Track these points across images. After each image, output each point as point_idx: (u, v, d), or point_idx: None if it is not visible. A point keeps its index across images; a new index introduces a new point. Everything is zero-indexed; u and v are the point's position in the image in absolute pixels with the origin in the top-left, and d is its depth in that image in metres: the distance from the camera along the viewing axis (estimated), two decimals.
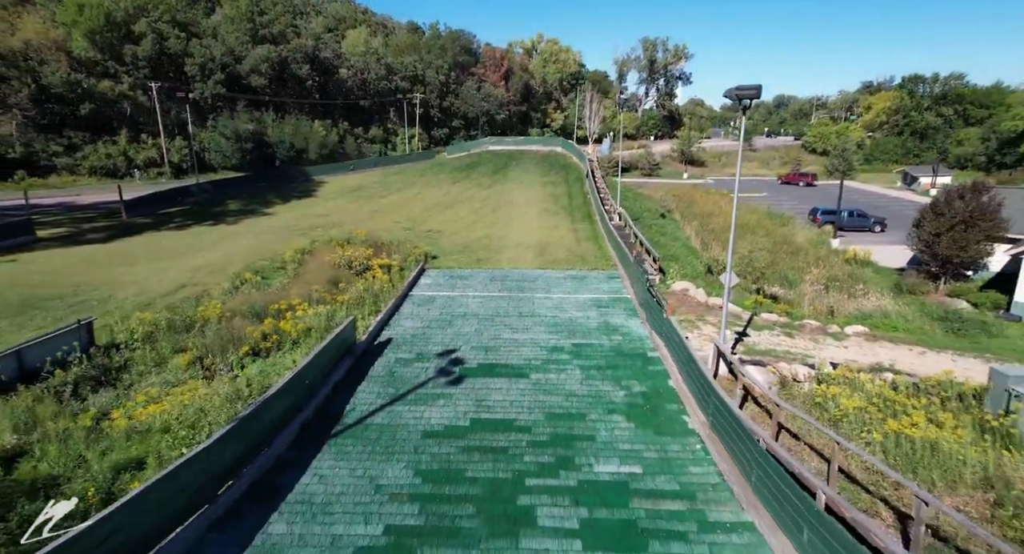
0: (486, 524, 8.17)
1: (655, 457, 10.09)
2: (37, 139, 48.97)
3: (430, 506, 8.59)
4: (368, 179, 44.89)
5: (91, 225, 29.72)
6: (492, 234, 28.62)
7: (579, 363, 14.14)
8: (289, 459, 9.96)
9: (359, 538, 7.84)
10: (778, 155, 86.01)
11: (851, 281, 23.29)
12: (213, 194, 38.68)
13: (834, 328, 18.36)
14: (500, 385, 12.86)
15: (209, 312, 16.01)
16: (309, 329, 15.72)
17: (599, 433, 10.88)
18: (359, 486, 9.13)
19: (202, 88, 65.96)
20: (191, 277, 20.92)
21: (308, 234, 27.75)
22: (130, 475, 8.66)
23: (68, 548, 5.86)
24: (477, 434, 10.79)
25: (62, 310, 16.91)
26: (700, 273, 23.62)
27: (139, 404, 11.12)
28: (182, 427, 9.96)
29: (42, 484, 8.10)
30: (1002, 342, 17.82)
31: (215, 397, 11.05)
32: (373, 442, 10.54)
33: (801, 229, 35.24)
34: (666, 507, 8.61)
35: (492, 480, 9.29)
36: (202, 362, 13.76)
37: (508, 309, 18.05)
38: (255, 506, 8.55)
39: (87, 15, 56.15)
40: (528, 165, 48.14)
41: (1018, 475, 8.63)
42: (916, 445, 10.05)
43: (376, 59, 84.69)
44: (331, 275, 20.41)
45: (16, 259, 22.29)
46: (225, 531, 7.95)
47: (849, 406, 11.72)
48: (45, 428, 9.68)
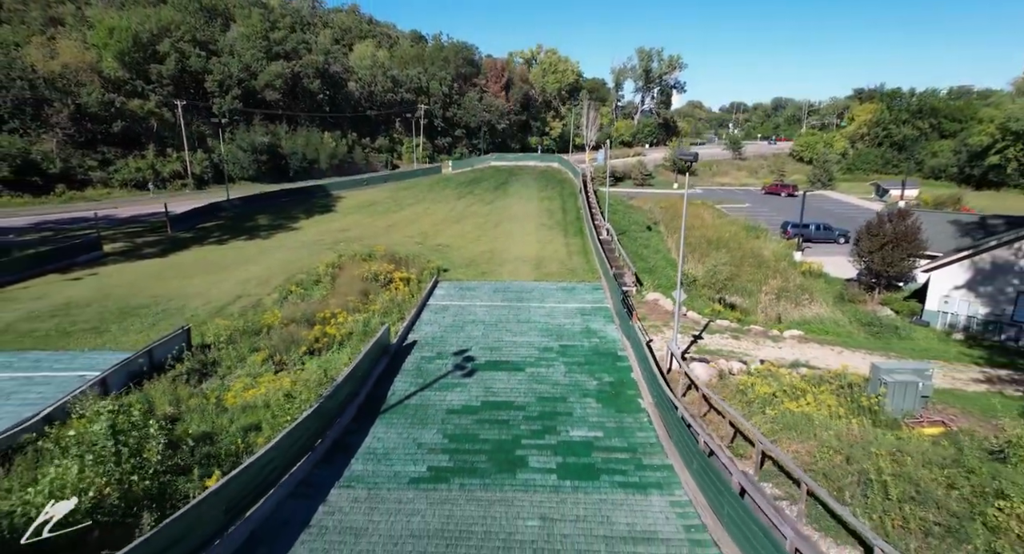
0: (494, 466, 12.29)
1: (613, 426, 14.22)
2: (74, 155, 53.08)
3: (456, 456, 12.71)
4: (381, 194, 48.97)
5: (143, 240, 33.85)
6: (495, 248, 32.75)
7: (564, 360, 18.25)
8: (354, 429, 14.09)
9: (411, 473, 11.97)
10: (766, 164, 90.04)
11: (800, 292, 27.41)
12: (243, 209, 42.79)
13: (774, 332, 22.49)
14: (502, 377, 16.98)
15: (270, 319, 20.15)
16: (350, 333, 19.84)
17: (575, 410, 15.01)
18: (406, 444, 13.26)
19: (220, 103, 70.18)
20: (243, 288, 25.05)
21: (334, 248, 31.85)
22: (254, 434, 12.77)
23: (249, 468, 9.96)
24: (486, 411, 14.91)
25: (151, 317, 21.07)
26: (672, 285, 27.71)
27: (239, 389, 15.25)
28: (278, 405, 14.08)
29: (201, 437, 12.18)
30: (907, 343, 21.94)
31: (296, 384, 15.18)
32: (411, 416, 14.66)
33: (770, 242, 39.27)
34: (616, 456, 12.75)
35: (498, 440, 13.42)
36: (273, 359, 17.90)
37: (509, 316, 22.18)
38: (338, 455, 12.68)
39: (117, 37, 60.37)
40: (527, 180, 52.26)
41: (852, 433, 12.74)
42: (797, 417, 14.18)
43: (383, 72, 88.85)
44: (361, 287, 24.52)
45: (97, 273, 26.45)
46: (323, 468, 12.08)
47: (761, 392, 15.85)
48: (187, 404, 13.82)
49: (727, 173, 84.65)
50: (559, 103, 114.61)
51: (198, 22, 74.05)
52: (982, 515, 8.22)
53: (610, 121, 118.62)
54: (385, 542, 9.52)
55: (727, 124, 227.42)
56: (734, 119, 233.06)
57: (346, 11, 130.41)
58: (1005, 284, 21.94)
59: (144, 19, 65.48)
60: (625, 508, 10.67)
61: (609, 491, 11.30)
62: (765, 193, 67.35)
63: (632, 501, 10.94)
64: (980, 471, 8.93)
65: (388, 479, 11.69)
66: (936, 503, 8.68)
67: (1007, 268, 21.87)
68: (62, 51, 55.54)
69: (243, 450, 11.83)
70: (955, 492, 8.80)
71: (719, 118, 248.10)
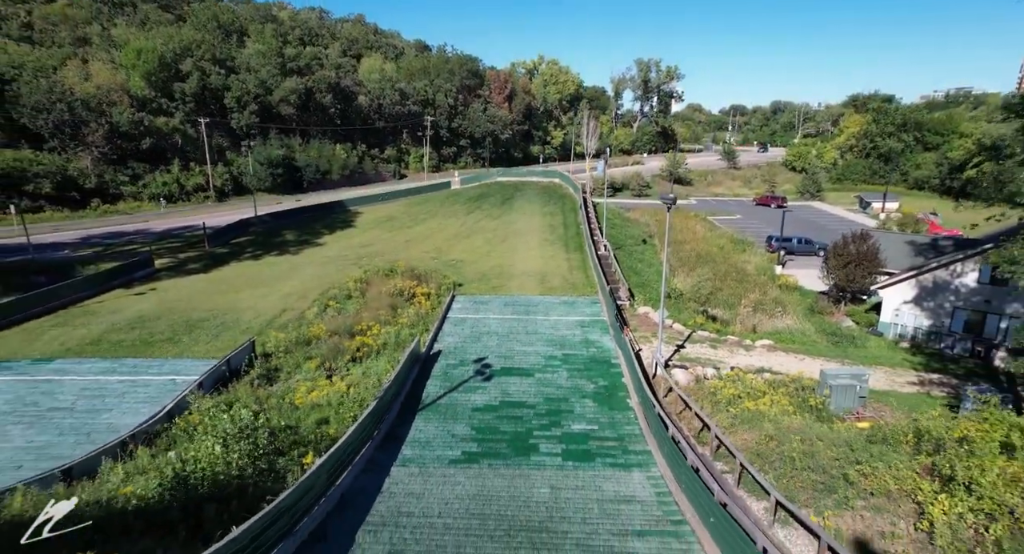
0: (513, 451, 15.86)
1: (606, 421, 17.80)
2: (107, 171, 56.78)
3: (483, 443, 16.29)
4: (397, 209, 52.60)
5: (186, 255, 37.48)
6: (503, 263, 36.34)
7: (566, 367, 21.85)
8: (400, 423, 17.67)
9: (450, 456, 15.54)
10: (760, 173, 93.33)
11: (774, 304, 30.99)
12: (271, 224, 46.41)
13: (747, 342, 26.06)
14: (515, 381, 20.57)
15: (317, 331, 23.76)
16: (384, 344, 23.44)
17: (575, 408, 18.59)
18: (442, 435, 16.84)
19: (239, 118, 73.88)
20: (285, 303, 28.67)
21: (358, 264, 35.46)
22: (324, 426, 16.35)
23: (336, 450, 13.52)
24: (504, 409, 18.49)
25: (213, 329, 24.69)
26: (660, 298, 31.26)
27: (304, 392, 18.84)
28: (340, 404, 17.66)
29: (284, 428, 15.74)
30: (861, 351, 25.50)
31: (349, 388, 18.78)
32: (443, 413, 18.25)
33: (755, 255, 42.82)
34: (607, 444, 16.33)
35: (515, 432, 16.99)
36: (324, 365, 21.50)
37: (518, 328, 25.77)
38: (391, 443, 16.27)
39: (144, 58, 64.07)
40: (531, 195, 55.86)
41: (792, 425, 16.30)
42: (752, 414, 17.76)
43: (391, 85, 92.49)
44: (389, 302, 28.11)
45: (156, 288, 30.10)
46: (382, 452, 15.66)
47: (727, 393, 19.43)
48: (267, 403, 17.42)
49: (721, 183, 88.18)
50: (560, 112, 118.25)
51: (216, 39, 77.81)
52: (845, 476, 11.81)
53: (610, 130, 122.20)
54: (438, 501, 13.11)
55: (726, 126, 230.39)
56: (732, 122, 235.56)
57: (352, 21, 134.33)
58: (944, 300, 25.50)
59: (167, 39, 69.22)
60: (613, 480, 14.26)
61: (601, 469, 14.89)
62: (756, 204, 70.80)
63: (618, 476, 14.53)
64: (856, 448, 12.49)
65: (432, 460, 15.29)
66: (823, 469, 12.26)
67: (945, 286, 25.43)
68: (95, 73, 59.24)
69: (319, 438, 15.42)
70: (836, 462, 12.39)
71: (719, 120, 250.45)
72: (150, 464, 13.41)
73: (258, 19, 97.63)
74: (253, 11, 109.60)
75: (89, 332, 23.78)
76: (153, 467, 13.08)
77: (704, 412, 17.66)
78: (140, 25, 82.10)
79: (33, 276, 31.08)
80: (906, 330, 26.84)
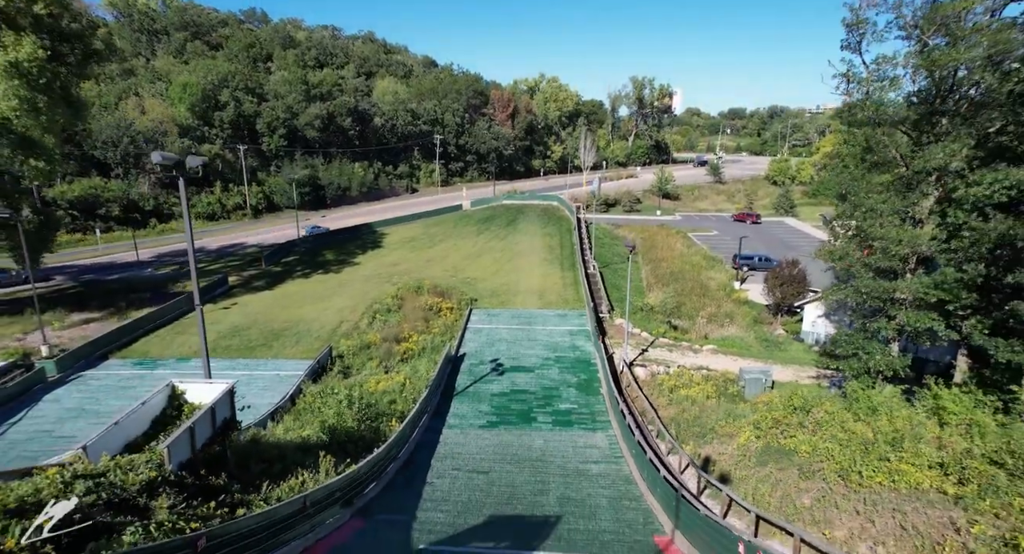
0: (520, 421, 23.96)
1: (583, 403, 25.91)
2: (162, 194, 65.03)
3: (500, 416, 24.38)
4: (417, 230, 60.75)
5: (248, 273, 45.64)
6: (509, 281, 44.44)
7: (558, 366, 29.93)
8: (442, 403, 25.77)
9: (479, 423, 23.63)
10: (743, 188, 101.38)
11: (725, 316, 39.02)
12: (312, 245, 54.55)
13: (696, 347, 34.10)
14: (521, 375, 28.66)
15: (373, 339, 31.91)
16: (423, 348, 31.58)
17: (563, 394, 26.70)
18: (472, 411, 24.94)
19: (268, 141, 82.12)
20: (341, 315, 36.79)
21: (390, 281, 43.53)
22: (393, 405, 24.43)
23: (409, 420, 21.63)
24: (513, 395, 26.59)
25: (294, 337, 32.82)
26: (635, 311, 39.33)
27: (374, 383, 26.94)
28: (401, 391, 25.76)
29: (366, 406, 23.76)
30: (784, 353, 33.53)
31: (407, 380, 26.90)
32: (471, 398, 26.36)
33: (720, 272, 50.78)
34: (583, 417, 24.42)
35: (520, 409, 25.10)
36: (382, 364, 29.65)
37: (522, 336, 33.87)
38: (437, 417, 24.36)
39: (189, 91, 72.29)
40: (532, 217, 64.01)
41: (707, 404, 24.37)
42: (683, 397, 25.85)
43: (403, 107, 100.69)
44: (422, 315, 36.22)
45: (237, 303, 38.25)
46: (434, 421, 23.77)
47: (670, 384, 27.53)
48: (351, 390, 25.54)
49: (707, 197, 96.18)
50: (560, 128, 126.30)
51: (246, 68, 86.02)
52: (712, 428, 19.97)
53: (607, 143, 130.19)
54: (474, 450, 21.18)
55: (725, 130, 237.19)
56: (729, 126, 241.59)
57: (363, 39, 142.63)
58: (843, 314, 33.54)
59: (207, 72, 77.40)
60: (583, 437, 22.36)
61: (577, 431, 23.00)
62: (734, 220, 78.67)
63: (587, 435, 22.63)
64: (729, 415, 20.63)
65: (467, 426, 23.41)
66: (703, 425, 20.42)
67: (843, 303, 33.49)
68: (149, 108, 67.43)
69: (393, 412, 23.53)
70: (714, 422, 20.54)
71: (717, 123, 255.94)
72: (293, 424, 21.51)
73: (279, 41, 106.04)
74: (272, 33, 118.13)
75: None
76: (297, 426, 21.17)
77: (652, 397, 25.79)
78: (177, 54, 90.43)
79: (133, 293, 39.25)
80: (819, 337, 34.89)
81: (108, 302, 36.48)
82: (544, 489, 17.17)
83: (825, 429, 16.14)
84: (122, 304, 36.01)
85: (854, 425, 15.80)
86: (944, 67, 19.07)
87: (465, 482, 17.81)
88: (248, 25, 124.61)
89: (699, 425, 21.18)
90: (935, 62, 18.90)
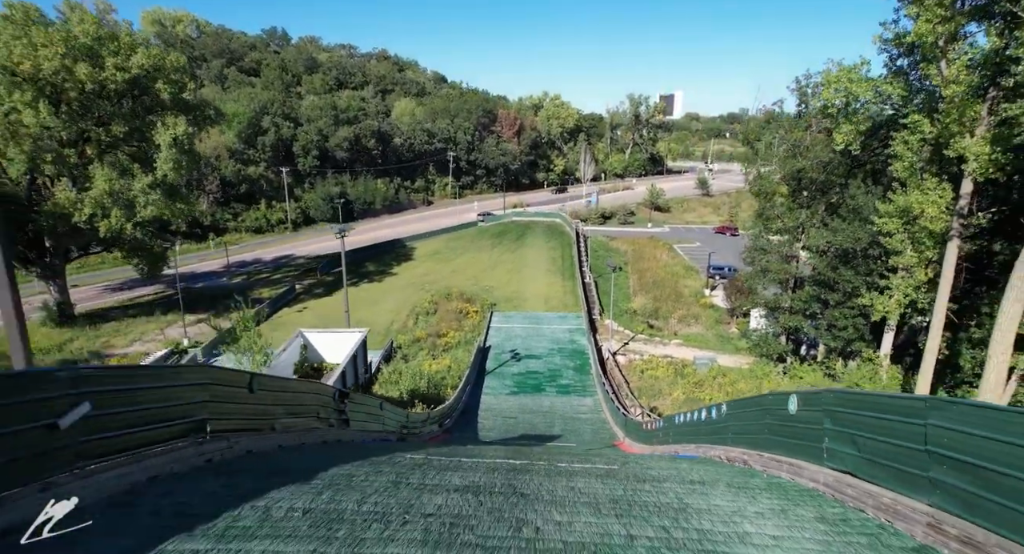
0: (533, 391, 34.28)
1: (578, 380, 36.22)
2: (218, 211, 75.45)
3: (519, 388, 34.69)
4: (440, 244, 71.10)
5: (308, 282, 55.97)
6: (520, 289, 54.73)
7: (560, 355, 40.21)
8: (477, 379, 36.09)
9: (505, 392, 33.94)
10: (729, 200, 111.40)
11: (691, 318, 49.25)
12: (354, 257, 64.73)
13: (666, 341, 44.34)
14: (533, 361, 38.97)
15: (420, 334, 42.27)
16: (458, 342, 41.91)
17: (564, 374, 37.02)
18: (500, 385, 35.26)
19: (303, 161, 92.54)
20: (392, 316, 47.09)
21: (423, 288, 53.78)
22: (444, 380, 34.68)
23: (459, 389, 31.95)
24: (527, 375, 36.88)
25: None
26: (621, 313, 49.61)
27: (427, 365, 37.23)
28: (448, 370, 36.05)
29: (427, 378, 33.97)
30: (733, 346, 43.72)
31: (452, 364, 37.23)
32: (498, 376, 36.69)
33: (696, 281, 60.95)
34: (577, 388, 34.77)
35: (533, 384, 35.40)
36: (430, 353, 39.97)
37: (532, 333, 44.17)
38: (476, 388, 34.70)
39: (236, 119, 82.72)
40: (537, 232, 74.38)
41: (664, 378, 34.65)
42: (648, 377, 36.17)
43: (419, 127, 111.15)
44: (454, 316, 46.51)
45: (307, 307, 48.55)
46: (473, 391, 34.10)
47: (640, 367, 37.86)
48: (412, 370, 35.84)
49: (694, 209, 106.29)
50: (561, 142, 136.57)
51: (281, 94, 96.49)
52: (660, 391, 30.24)
53: (605, 155, 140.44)
54: (504, 407, 31.41)
55: (723, 134, 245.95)
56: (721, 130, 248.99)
57: (376, 56, 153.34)
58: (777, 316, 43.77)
59: (249, 100, 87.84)
60: (577, 401, 32.62)
61: (574, 397, 33.29)
62: (715, 232, 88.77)
63: (581, 399, 32.88)
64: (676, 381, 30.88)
65: (499, 393, 33.71)
66: (657, 390, 30.70)
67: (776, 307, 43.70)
68: (207, 137, 77.72)
69: (445, 384, 33.80)
70: (663, 388, 30.80)
71: (716, 127, 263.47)
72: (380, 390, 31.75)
73: (303, 62, 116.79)
74: (296, 54, 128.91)
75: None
76: (383, 391, 31.42)
77: (627, 375, 36.11)
78: (218, 81, 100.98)
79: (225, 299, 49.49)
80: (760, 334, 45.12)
81: (209, 306, 46.85)
82: (552, 426, 27.50)
83: (724, 388, 26.44)
84: (221, 307, 46.38)
85: (741, 386, 26.10)
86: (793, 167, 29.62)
87: (502, 422, 28.16)
88: (273, 47, 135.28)
89: (655, 391, 31.49)
90: (786, 163, 29.43)
